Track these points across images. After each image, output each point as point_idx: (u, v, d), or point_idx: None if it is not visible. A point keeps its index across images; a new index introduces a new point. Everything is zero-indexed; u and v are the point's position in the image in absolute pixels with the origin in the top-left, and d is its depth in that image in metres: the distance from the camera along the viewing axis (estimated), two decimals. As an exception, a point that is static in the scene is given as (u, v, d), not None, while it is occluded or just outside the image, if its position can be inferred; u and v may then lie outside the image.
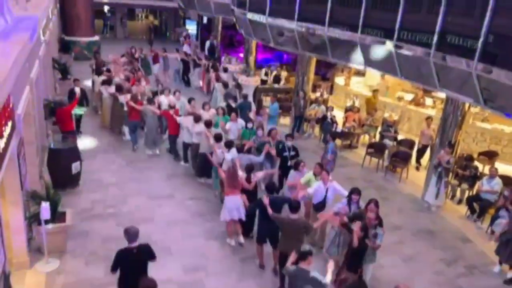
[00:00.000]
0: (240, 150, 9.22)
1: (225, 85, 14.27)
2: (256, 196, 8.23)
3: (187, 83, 18.43)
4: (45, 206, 6.75)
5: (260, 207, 7.20)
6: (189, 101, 11.82)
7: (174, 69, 18.87)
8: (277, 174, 9.79)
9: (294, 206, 6.60)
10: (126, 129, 12.25)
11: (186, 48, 20.86)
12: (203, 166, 10.10)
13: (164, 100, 12.10)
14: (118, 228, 8.29)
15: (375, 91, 15.21)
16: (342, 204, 7.44)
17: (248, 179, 8.04)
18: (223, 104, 13.06)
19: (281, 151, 9.61)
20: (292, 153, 9.59)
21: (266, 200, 6.95)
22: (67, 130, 10.54)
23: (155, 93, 13.24)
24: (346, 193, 7.66)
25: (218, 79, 15.08)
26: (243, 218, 7.86)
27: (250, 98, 16.14)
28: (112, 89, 12.42)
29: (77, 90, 12.28)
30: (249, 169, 8.15)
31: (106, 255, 7.45)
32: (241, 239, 8.12)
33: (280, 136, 10.63)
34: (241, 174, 8.06)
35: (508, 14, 7.71)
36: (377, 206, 6.94)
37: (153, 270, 7.19)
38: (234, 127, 10.81)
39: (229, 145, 9.19)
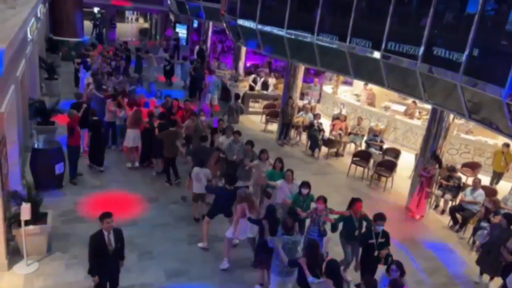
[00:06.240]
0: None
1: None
2: (152, 131, 10.56)
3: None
4: (26, 206, 6.63)
5: (151, 134, 10.47)
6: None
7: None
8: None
9: (173, 122, 10.24)
10: None
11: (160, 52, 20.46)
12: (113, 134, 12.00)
13: (224, 140, 10.06)
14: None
15: (506, 146, 11.38)
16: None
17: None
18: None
19: (366, 237, 6.98)
20: (381, 240, 6.89)
21: (156, 124, 10.49)
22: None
23: (214, 130, 11.39)
24: None
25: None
26: (139, 145, 10.90)
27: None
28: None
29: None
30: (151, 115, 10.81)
31: (87, 259, 7.34)
32: (137, 163, 11.06)
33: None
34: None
35: (492, 28, 7.87)
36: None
37: (135, 274, 7.16)
38: (285, 188, 8.23)
39: (119, 106, 11.33)
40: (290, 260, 6.14)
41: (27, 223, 6.83)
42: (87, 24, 25.75)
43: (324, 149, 13.50)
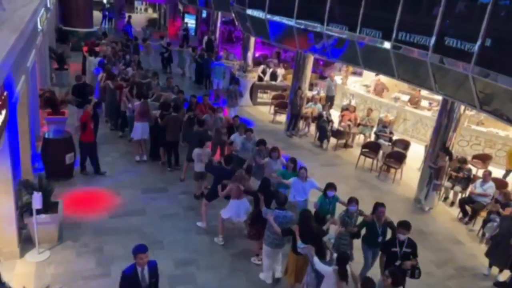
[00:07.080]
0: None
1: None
2: (159, 126, 10.47)
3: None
4: (37, 195, 6.72)
5: (156, 124, 10.47)
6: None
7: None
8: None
9: (176, 108, 10.41)
10: None
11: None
12: (121, 122, 12.18)
13: (236, 138, 9.86)
14: (110, 221, 8.33)
15: None
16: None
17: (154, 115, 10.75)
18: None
19: (389, 245, 6.69)
20: (407, 250, 6.53)
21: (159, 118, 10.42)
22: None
23: (231, 128, 10.81)
24: None
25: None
26: (146, 137, 10.82)
27: (247, 94, 16.27)
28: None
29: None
30: (164, 106, 10.70)
31: (97, 247, 7.47)
32: (145, 157, 10.94)
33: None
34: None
35: (506, 17, 7.74)
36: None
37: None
38: (298, 185, 8.01)
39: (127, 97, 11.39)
40: (284, 229, 6.54)
41: (38, 212, 6.91)
42: (96, 14, 25.76)
43: (332, 140, 13.44)
